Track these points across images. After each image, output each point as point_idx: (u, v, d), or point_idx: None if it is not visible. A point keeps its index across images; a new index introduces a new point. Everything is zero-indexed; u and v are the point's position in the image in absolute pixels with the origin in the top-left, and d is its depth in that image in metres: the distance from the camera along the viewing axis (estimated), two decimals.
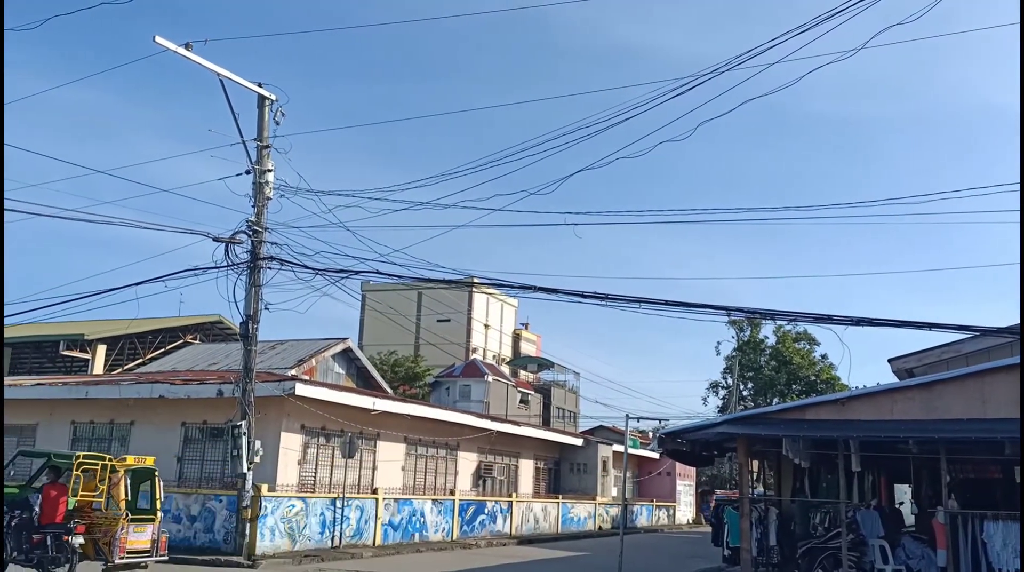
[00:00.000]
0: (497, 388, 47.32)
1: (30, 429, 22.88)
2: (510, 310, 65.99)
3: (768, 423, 14.74)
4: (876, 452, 14.50)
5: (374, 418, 22.53)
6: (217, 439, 20.23)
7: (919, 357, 18.37)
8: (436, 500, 24.82)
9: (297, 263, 16.38)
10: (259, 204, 17.13)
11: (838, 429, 13.79)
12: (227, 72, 16.54)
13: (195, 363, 33.15)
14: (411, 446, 25.01)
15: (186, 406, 20.55)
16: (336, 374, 33.52)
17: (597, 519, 35.99)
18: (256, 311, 17.04)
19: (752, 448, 15.74)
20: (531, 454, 33.21)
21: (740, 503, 15.20)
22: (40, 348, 38.51)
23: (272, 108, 17.53)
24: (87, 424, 22.12)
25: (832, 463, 15.24)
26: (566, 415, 54.52)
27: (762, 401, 56.13)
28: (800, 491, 17.32)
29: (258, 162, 17.24)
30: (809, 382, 56.00)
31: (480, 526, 26.98)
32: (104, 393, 21.52)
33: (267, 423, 19.20)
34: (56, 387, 23.08)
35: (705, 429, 15.52)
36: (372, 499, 21.88)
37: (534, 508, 31.00)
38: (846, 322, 12.89)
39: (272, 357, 31.33)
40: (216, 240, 16.52)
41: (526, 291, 14.67)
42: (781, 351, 57.10)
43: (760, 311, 15.17)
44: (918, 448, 13.68)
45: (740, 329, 59.15)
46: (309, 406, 20.03)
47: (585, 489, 36.17)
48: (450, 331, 57.10)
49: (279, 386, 19.36)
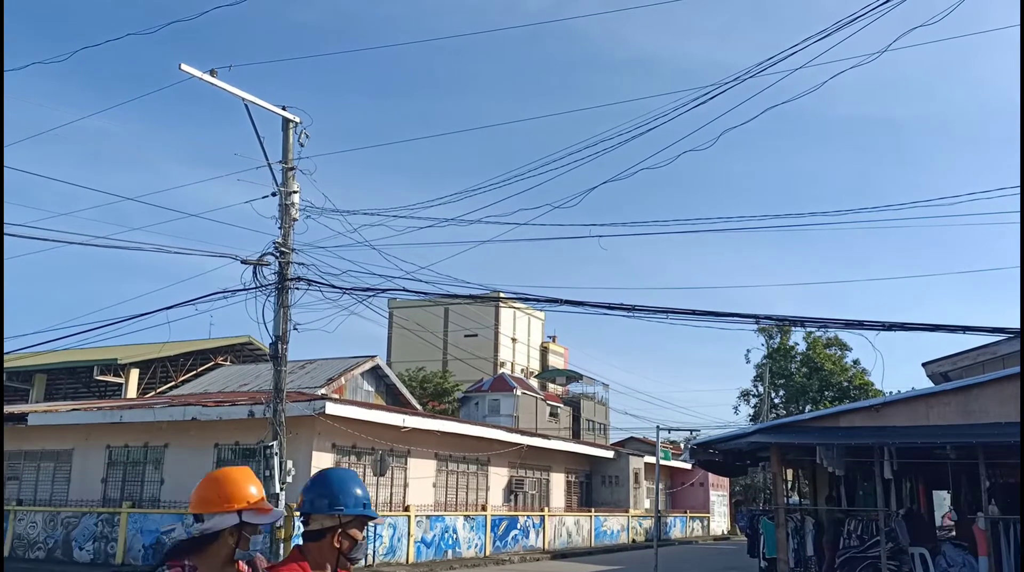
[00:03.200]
0: (526, 402, 47.22)
1: (66, 454, 23.20)
2: (537, 323, 65.94)
3: (801, 431, 14.57)
4: (913, 458, 14.27)
5: (404, 435, 22.57)
6: (249, 459, 20.36)
7: (954, 360, 18.10)
8: (468, 516, 24.77)
9: (324, 283, 16.50)
10: (285, 225, 17.28)
11: (873, 436, 13.59)
12: (251, 96, 16.74)
13: (226, 385, 33.45)
14: (442, 462, 25.01)
15: (218, 428, 20.73)
16: (365, 392, 33.65)
17: (630, 532, 35.71)
18: (285, 331, 17.15)
19: (786, 457, 15.56)
20: (562, 467, 33.07)
21: (775, 513, 15.02)
22: (75, 374, 39.07)
23: (296, 130, 17.70)
24: (122, 448, 22.38)
25: (868, 470, 15.02)
26: (596, 427, 54.24)
27: (794, 409, 55.47)
28: (836, 499, 17.08)
29: (284, 184, 17.40)
30: (842, 388, 55.27)
31: (513, 541, 26.88)
32: (138, 417, 21.79)
33: (298, 442, 19.31)
34: (91, 412, 23.38)
35: (737, 439, 15.37)
36: (404, 516, 21.88)
37: (567, 522, 30.84)
38: (878, 327, 12.74)
39: (302, 377, 31.53)
40: (244, 262, 16.67)
41: (552, 304, 14.66)
42: (812, 357, 56.44)
43: (790, 318, 15.05)
44: (956, 453, 13.45)
45: (769, 336, 58.59)
46: (339, 425, 20.12)
47: (617, 502, 35.92)
48: (477, 346, 57.15)
49: (309, 405, 19.47)
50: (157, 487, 21.33)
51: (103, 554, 20.31)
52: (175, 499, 20.50)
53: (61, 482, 23.05)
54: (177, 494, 20.62)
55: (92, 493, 22.15)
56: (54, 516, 21.59)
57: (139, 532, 20.00)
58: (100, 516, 20.77)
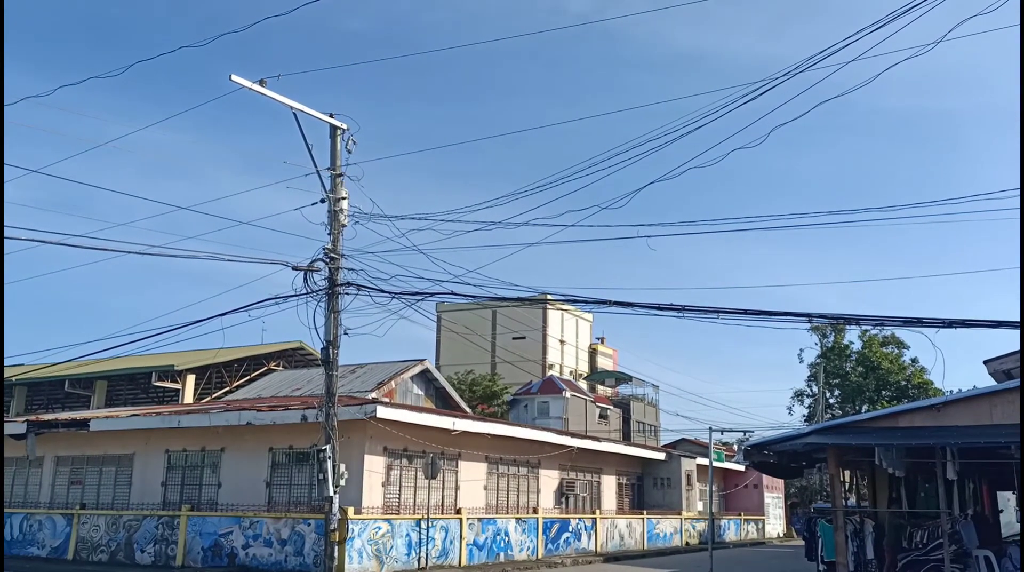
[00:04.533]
0: (575, 404, 47.06)
1: (127, 459, 23.77)
2: (585, 325, 65.71)
3: (859, 432, 14.25)
4: (976, 459, 13.87)
5: (455, 438, 22.66)
6: (303, 463, 20.65)
7: (1016, 357, 17.53)
8: (519, 518, 24.76)
9: (374, 288, 16.65)
10: (335, 231, 17.49)
11: (934, 436, 13.25)
12: (299, 105, 16.98)
13: (279, 389, 33.95)
14: (492, 465, 25.04)
15: (272, 432, 21.04)
16: (415, 395, 33.87)
17: (684, 534, 35.34)
18: (336, 336, 17.34)
19: (843, 458, 15.24)
20: (613, 470, 32.87)
21: (834, 515, 14.72)
22: (134, 380, 40.08)
23: (344, 137, 17.90)
24: (180, 452, 22.85)
25: (929, 472, 14.65)
26: (647, 429, 53.82)
27: (850, 409, 54.37)
28: (896, 501, 16.68)
29: (332, 190, 17.62)
30: (900, 388, 54.02)
31: (565, 544, 26.79)
32: (195, 421, 22.20)
33: (351, 446, 19.50)
34: (150, 417, 23.91)
35: (792, 440, 15.11)
36: (456, 519, 21.96)
37: (618, 524, 30.64)
38: (937, 324, 12.40)
39: (353, 381, 31.86)
40: (295, 269, 16.91)
41: (601, 305, 14.58)
42: (868, 356, 55.26)
43: (844, 316, 14.72)
44: (1021, 453, 13.03)
45: (823, 335, 57.55)
46: (391, 428, 20.27)
47: (670, 504, 35.59)
48: (526, 348, 57.18)
49: (361, 409, 19.65)
50: (215, 490, 21.73)
51: (164, 556, 20.76)
52: (232, 502, 20.84)
53: (123, 486, 23.62)
54: (234, 497, 20.97)
55: (152, 496, 22.66)
56: (116, 519, 22.12)
57: (198, 535, 20.39)
58: (160, 519, 21.22)
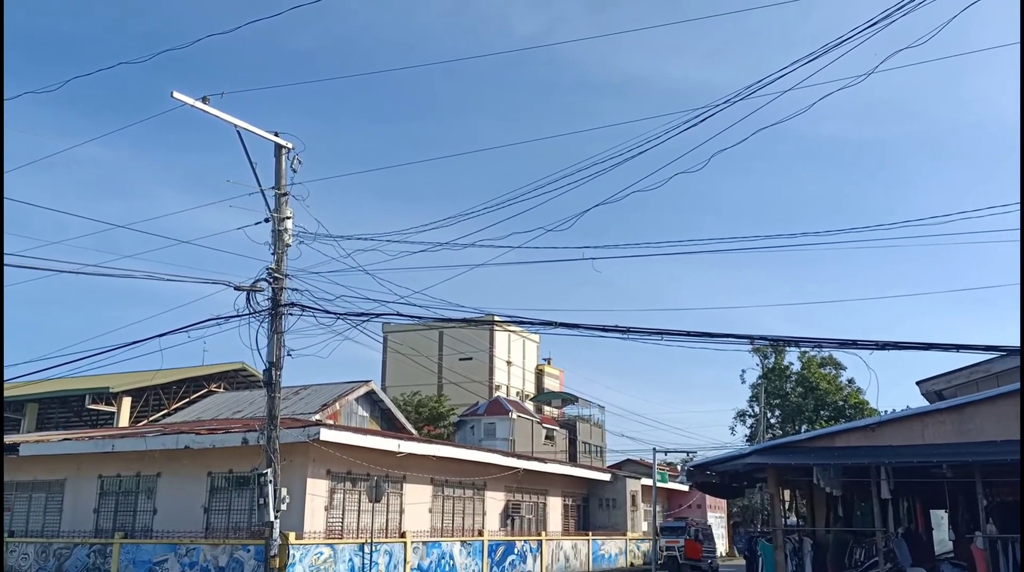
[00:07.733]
0: (522, 425, 47.02)
1: (58, 485, 22.98)
2: (532, 346, 65.80)
3: (798, 452, 14.54)
4: (910, 478, 14.24)
5: (400, 460, 22.44)
6: (243, 488, 20.20)
7: (948, 379, 18.09)
8: (465, 541, 24.57)
9: (318, 308, 16.45)
10: (279, 251, 17.26)
11: (869, 456, 13.58)
12: (244, 123, 16.78)
13: (220, 412, 33.24)
14: (438, 487, 24.84)
15: (212, 456, 20.57)
16: (360, 417, 33.48)
17: (628, 555, 35.45)
18: (279, 358, 17.07)
19: (783, 478, 15.53)
20: (559, 491, 32.88)
21: (773, 535, 14.95)
22: (66, 403, 38.85)
23: (288, 156, 17.71)
24: (114, 477, 22.17)
25: (865, 490, 14.98)
26: (592, 450, 54.01)
27: (790, 428, 55.41)
28: (834, 520, 17.02)
29: (276, 210, 17.40)
30: (837, 407, 55.25)
31: (510, 566, 26.66)
32: (130, 446, 21.60)
33: (293, 469, 19.17)
34: (83, 441, 23.18)
35: (734, 460, 15.33)
36: (400, 543, 21.70)
37: (564, 546, 30.61)
38: (871, 346, 12.74)
39: (296, 403, 31.36)
40: (237, 289, 16.63)
41: (547, 327, 14.63)
42: (807, 377, 56.46)
43: (784, 338, 15.05)
44: (952, 472, 13.43)
45: (764, 356, 58.63)
46: (334, 451, 19.98)
47: (615, 525, 35.69)
48: (472, 369, 56.96)
49: (304, 432, 19.35)
50: (150, 517, 21.12)
51: None
52: (168, 528, 20.28)
53: (53, 513, 22.81)
54: (170, 524, 20.40)
55: (84, 524, 21.91)
56: (46, 547, 21.34)
57: (132, 563, 19.76)
58: (92, 547, 20.53)
